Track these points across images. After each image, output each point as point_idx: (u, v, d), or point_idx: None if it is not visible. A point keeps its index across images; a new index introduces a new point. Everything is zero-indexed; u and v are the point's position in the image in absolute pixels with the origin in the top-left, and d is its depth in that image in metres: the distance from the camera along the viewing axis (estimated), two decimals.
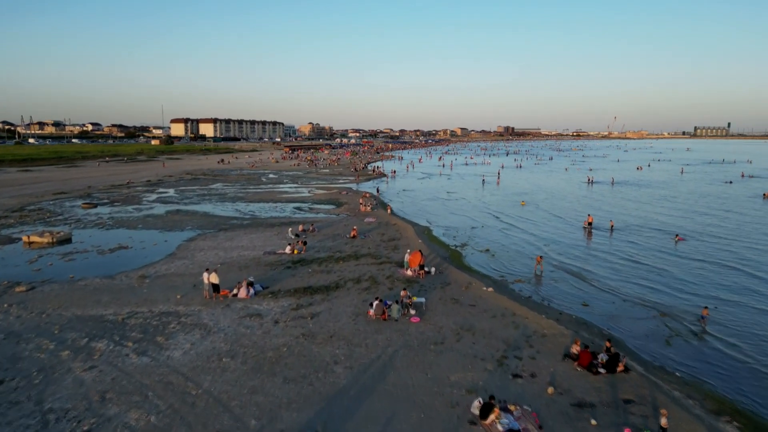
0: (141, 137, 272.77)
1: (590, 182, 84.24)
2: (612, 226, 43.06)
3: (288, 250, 31.98)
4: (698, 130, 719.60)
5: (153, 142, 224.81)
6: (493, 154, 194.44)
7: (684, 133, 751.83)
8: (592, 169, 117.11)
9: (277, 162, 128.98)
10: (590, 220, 42.82)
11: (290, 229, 37.34)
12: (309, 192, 66.36)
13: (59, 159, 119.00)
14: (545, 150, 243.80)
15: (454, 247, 34.96)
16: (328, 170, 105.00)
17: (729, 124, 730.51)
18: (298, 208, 51.73)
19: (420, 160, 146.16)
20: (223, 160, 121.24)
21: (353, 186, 75.61)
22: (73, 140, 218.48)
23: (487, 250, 34.30)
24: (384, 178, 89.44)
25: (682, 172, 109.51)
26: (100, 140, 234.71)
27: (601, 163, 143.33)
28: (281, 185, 74.82)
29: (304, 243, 32.76)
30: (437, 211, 51.98)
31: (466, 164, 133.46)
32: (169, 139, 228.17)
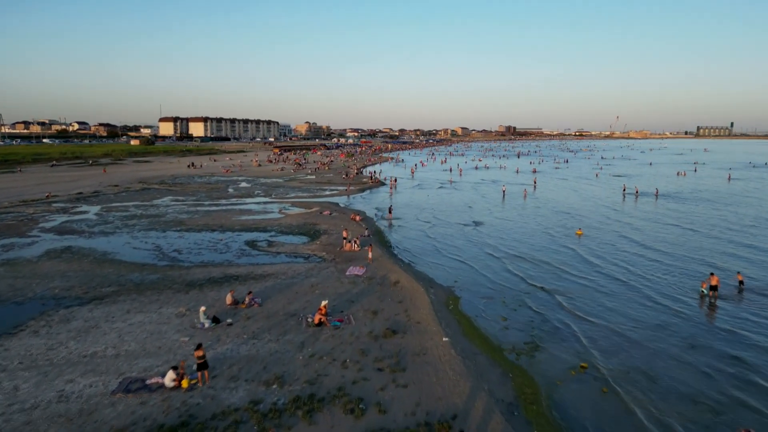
0: (124, 137, 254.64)
1: (633, 194, 67.11)
2: (741, 283, 26.47)
3: (168, 379, 15.02)
4: (701, 130, 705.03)
5: (133, 142, 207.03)
6: (503, 156, 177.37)
7: (686, 133, 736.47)
8: (624, 175, 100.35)
9: (260, 166, 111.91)
10: (714, 283, 25.57)
11: (202, 309, 20.29)
12: (279, 211, 49.35)
13: (2, 163, 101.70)
14: (554, 151, 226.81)
15: (514, 361, 17.49)
16: (315, 176, 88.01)
17: (732, 124, 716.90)
18: (252, 244, 34.74)
19: (423, 163, 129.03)
20: (193, 164, 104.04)
21: (342, 201, 58.66)
22: (44, 140, 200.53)
23: (590, 375, 16.99)
24: (382, 188, 72.48)
25: (729, 179, 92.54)
26: (76, 140, 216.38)
27: (630, 166, 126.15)
28: (248, 199, 57.84)
29: (204, 364, 15.55)
30: (458, 251, 34.88)
31: (476, 168, 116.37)
32: (149, 140, 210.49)
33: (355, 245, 32.79)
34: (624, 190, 70.82)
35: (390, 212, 47.70)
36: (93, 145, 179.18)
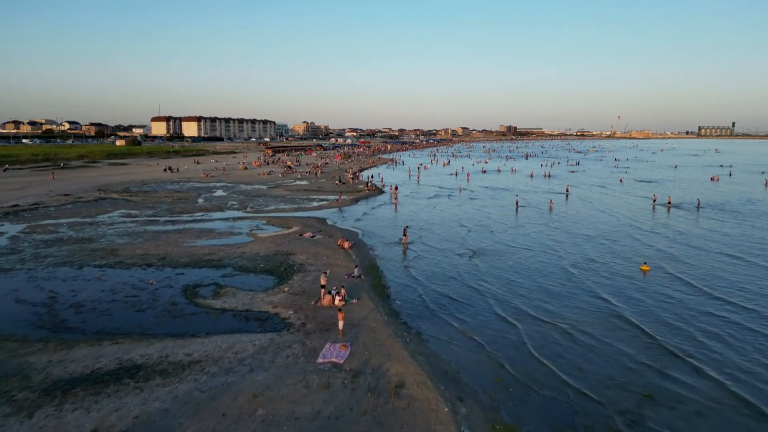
0: (111, 137, 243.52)
1: (665, 206, 56.63)
2: None
3: None
4: (703, 130, 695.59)
5: (118, 142, 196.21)
6: (509, 157, 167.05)
7: (688, 133, 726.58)
8: (651, 180, 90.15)
9: (246, 169, 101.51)
10: None
11: None
12: (249, 232, 38.91)
13: None
14: (560, 151, 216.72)
15: None
16: (305, 182, 77.67)
17: (734, 124, 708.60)
18: (191, 293, 24.23)
19: (425, 166, 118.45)
20: (170, 168, 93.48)
21: (331, 215, 48.28)
22: (24, 140, 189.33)
23: None
24: (380, 197, 62.13)
25: (766, 185, 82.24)
26: (59, 140, 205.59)
27: (650, 169, 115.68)
28: (216, 214, 47.38)
29: None
30: (477, 310, 24.57)
31: (484, 171, 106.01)
32: (136, 140, 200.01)
33: (338, 298, 22.35)
34: (654, 200, 60.22)
35: (405, 234, 37.41)
36: (72, 146, 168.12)
